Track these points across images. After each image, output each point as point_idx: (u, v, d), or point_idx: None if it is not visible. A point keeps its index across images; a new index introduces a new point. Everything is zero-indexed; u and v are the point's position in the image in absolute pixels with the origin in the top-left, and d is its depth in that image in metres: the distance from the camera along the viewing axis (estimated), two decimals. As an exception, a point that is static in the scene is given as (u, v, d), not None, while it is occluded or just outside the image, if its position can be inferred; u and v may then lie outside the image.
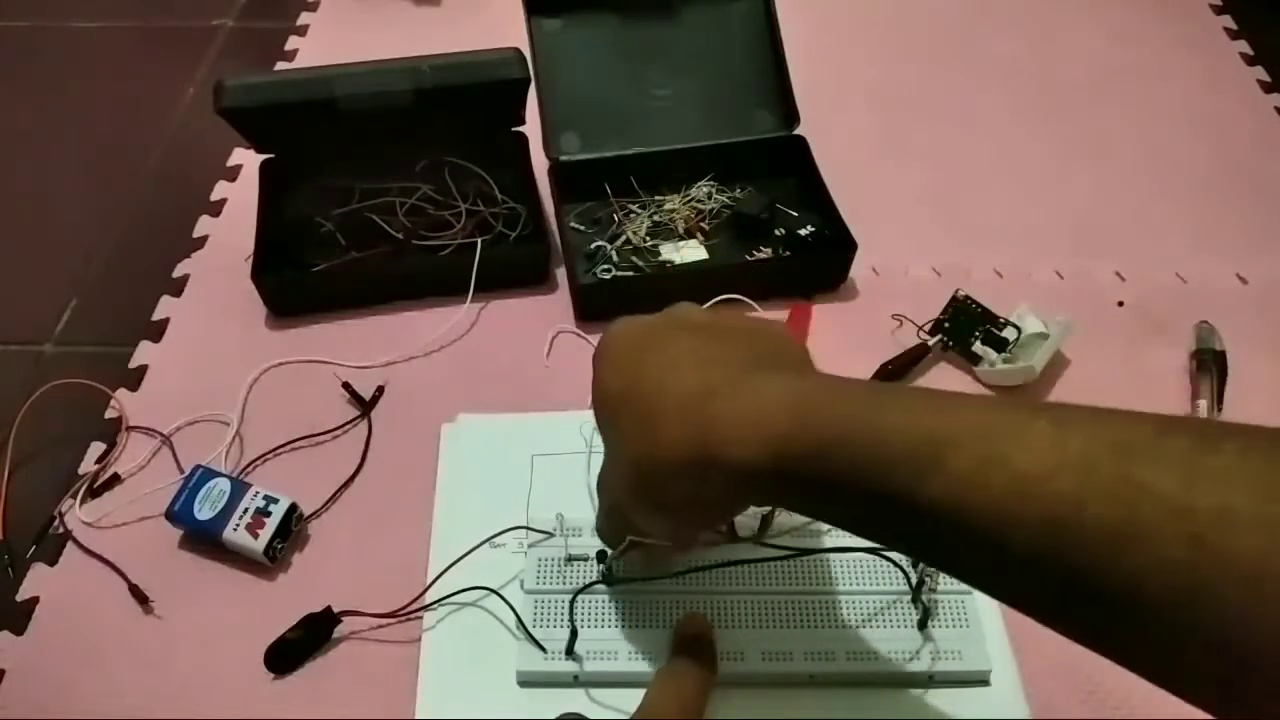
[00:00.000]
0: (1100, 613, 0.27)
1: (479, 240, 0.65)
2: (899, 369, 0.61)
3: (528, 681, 0.46)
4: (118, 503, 0.56)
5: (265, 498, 0.53)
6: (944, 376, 0.62)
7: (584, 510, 0.51)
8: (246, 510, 0.52)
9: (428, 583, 0.49)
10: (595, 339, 0.63)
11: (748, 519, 0.49)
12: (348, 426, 0.59)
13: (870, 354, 0.62)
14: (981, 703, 0.45)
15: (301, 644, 0.49)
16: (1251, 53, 0.89)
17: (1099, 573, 0.26)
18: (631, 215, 0.69)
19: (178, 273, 0.70)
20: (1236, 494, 0.25)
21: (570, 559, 0.49)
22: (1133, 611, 0.26)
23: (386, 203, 0.69)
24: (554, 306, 0.66)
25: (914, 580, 0.46)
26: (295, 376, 0.62)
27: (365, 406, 0.60)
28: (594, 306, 0.65)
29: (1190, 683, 0.27)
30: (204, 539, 0.53)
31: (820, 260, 0.67)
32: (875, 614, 0.47)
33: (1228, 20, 0.92)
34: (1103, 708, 0.47)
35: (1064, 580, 0.27)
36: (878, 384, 0.35)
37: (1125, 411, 0.29)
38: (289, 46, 0.91)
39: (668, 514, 0.39)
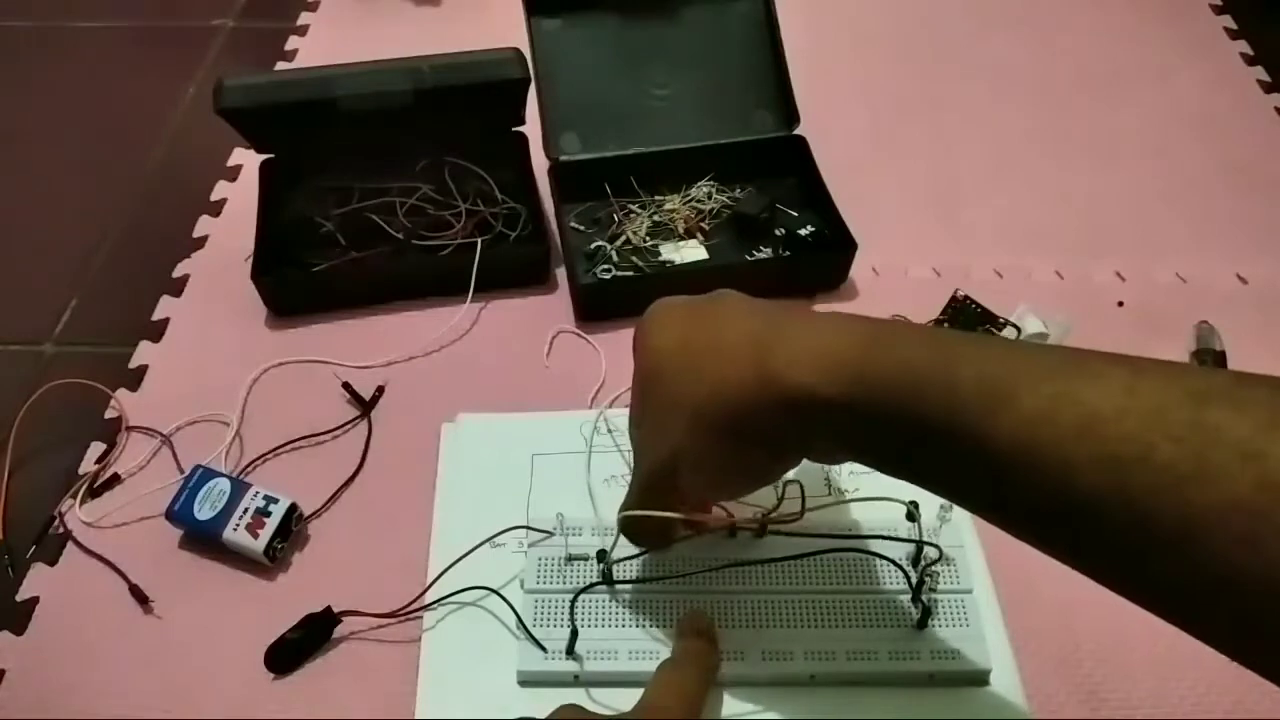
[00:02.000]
0: (1158, 557, 0.27)
1: (479, 240, 0.65)
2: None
3: (528, 681, 0.46)
4: (118, 503, 0.56)
5: (265, 498, 0.53)
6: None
7: (584, 510, 0.51)
8: (246, 510, 0.52)
9: (428, 583, 0.49)
10: (595, 339, 0.63)
11: (748, 521, 0.49)
12: (348, 426, 0.59)
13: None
14: (981, 702, 0.45)
15: (301, 644, 0.49)
16: (1251, 53, 0.89)
17: (1161, 513, 0.26)
18: (631, 215, 0.69)
19: (178, 273, 0.70)
20: None
21: (570, 558, 0.49)
22: (1191, 554, 0.26)
23: (386, 203, 0.69)
24: (554, 306, 0.66)
25: (914, 580, 0.46)
26: (295, 376, 0.62)
27: (365, 406, 0.60)
28: (594, 306, 0.65)
29: (1239, 635, 0.27)
30: (204, 539, 0.53)
31: (820, 260, 0.67)
32: (875, 613, 0.47)
33: (1228, 20, 0.92)
34: (1103, 708, 0.47)
35: (1124, 523, 0.27)
36: (944, 328, 0.34)
37: (1205, 367, 0.29)
38: (289, 46, 0.91)
39: (723, 462, 0.38)
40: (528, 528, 0.50)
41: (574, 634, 0.45)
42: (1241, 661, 0.28)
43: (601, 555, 0.47)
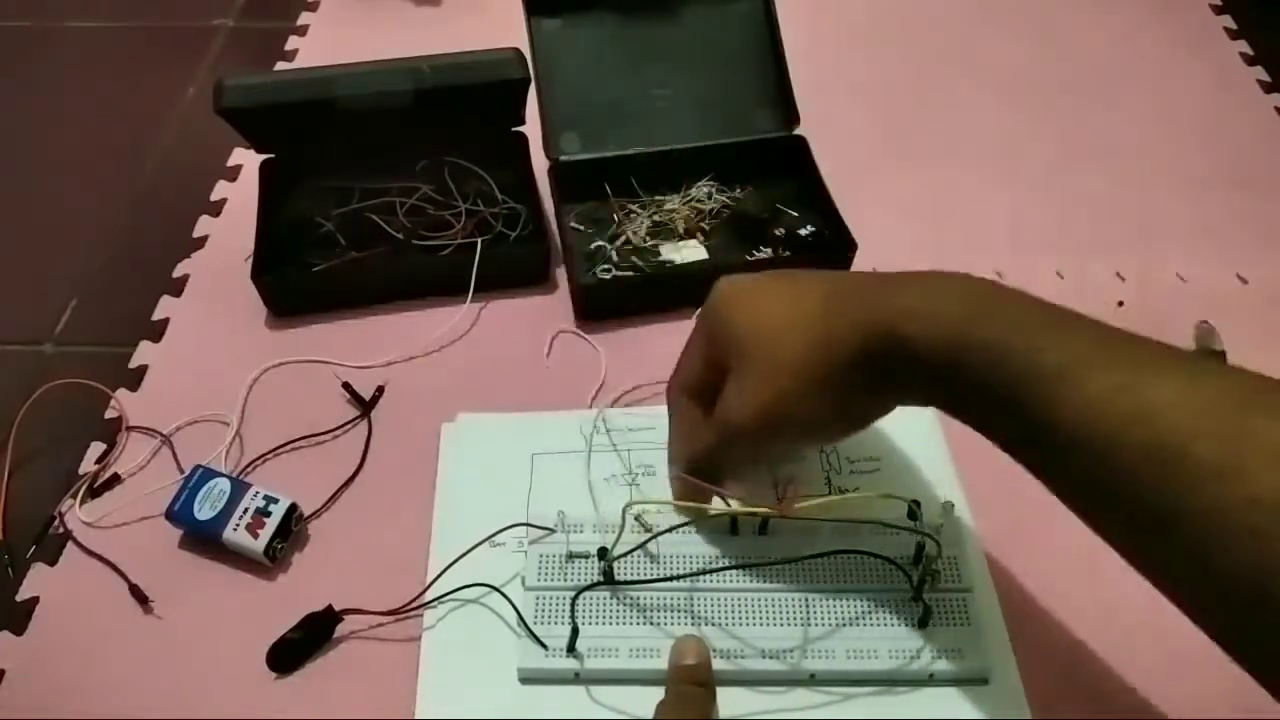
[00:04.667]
0: (1186, 542, 0.30)
1: (479, 240, 0.65)
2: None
3: (529, 678, 0.46)
4: (118, 503, 0.56)
5: (265, 498, 0.53)
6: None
7: (585, 508, 0.52)
8: (246, 510, 0.52)
9: (428, 581, 0.49)
10: (595, 339, 0.63)
11: (749, 521, 0.49)
12: (348, 426, 0.59)
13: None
14: (981, 702, 0.45)
15: (303, 643, 0.49)
16: (1251, 53, 0.89)
17: (1187, 502, 0.29)
18: (631, 215, 0.69)
19: (178, 273, 0.70)
20: None
21: (571, 556, 0.49)
22: (1206, 544, 0.29)
23: (386, 203, 0.69)
24: (554, 306, 0.66)
25: (915, 579, 0.46)
26: (295, 376, 0.62)
27: (365, 406, 0.60)
28: (594, 306, 0.65)
29: (1237, 628, 0.30)
30: (204, 539, 0.53)
31: (820, 260, 0.67)
32: (876, 613, 0.47)
33: (1228, 20, 0.92)
34: (1103, 708, 0.47)
35: (1153, 506, 0.30)
36: (1039, 302, 0.39)
37: (1262, 375, 0.32)
38: (289, 46, 0.91)
39: (827, 411, 0.42)
40: (528, 525, 0.50)
41: (575, 631, 0.45)
42: (1230, 652, 0.31)
43: (603, 553, 0.47)
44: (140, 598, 0.51)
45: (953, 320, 0.37)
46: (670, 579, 0.47)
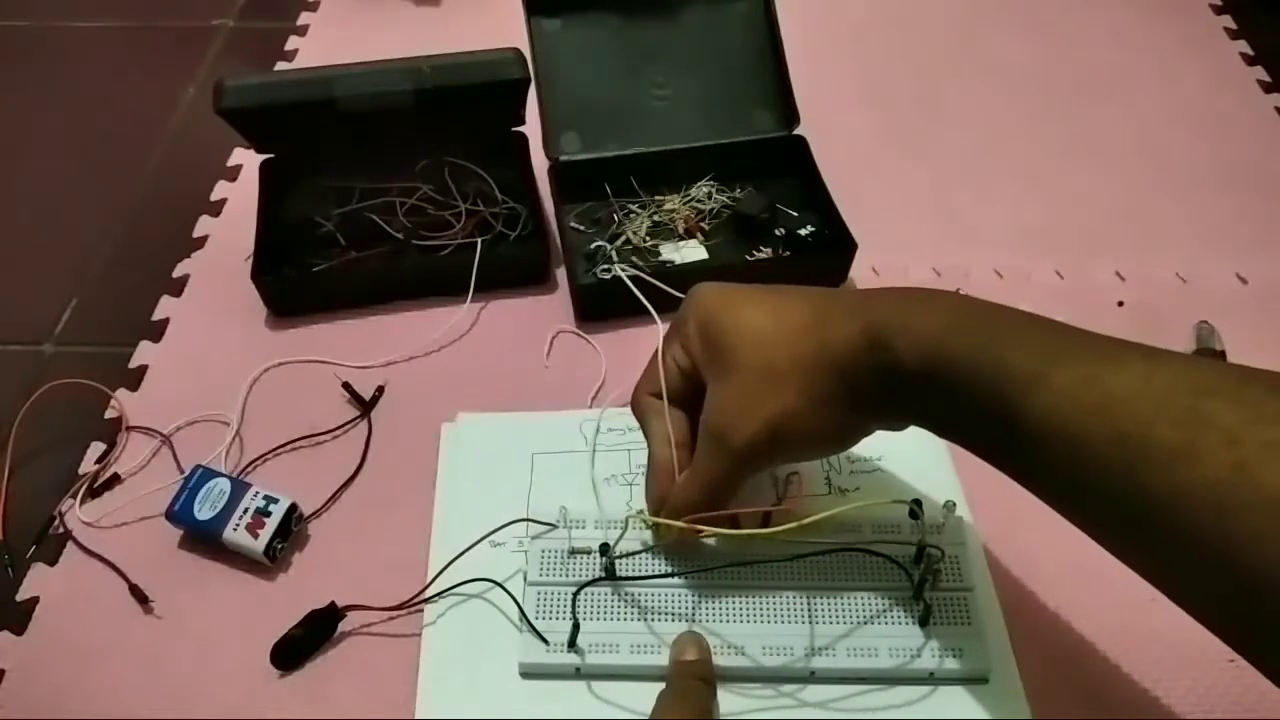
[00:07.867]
0: (1148, 522, 0.31)
1: (479, 240, 0.65)
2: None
3: (530, 673, 0.46)
4: (118, 503, 0.56)
5: (265, 498, 0.53)
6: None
7: (586, 507, 0.51)
8: (246, 510, 0.52)
9: (428, 581, 0.49)
10: (595, 339, 0.63)
11: (751, 518, 0.49)
12: (348, 426, 0.59)
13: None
14: (981, 701, 0.45)
15: (306, 640, 0.49)
16: (1251, 53, 0.89)
17: (1152, 483, 0.31)
18: (631, 215, 0.69)
19: (178, 273, 0.70)
20: None
21: (573, 551, 0.49)
22: (1174, 521, 0.30)
23: (386, 203, 0.69)
24: (554, 306, 0.66)
25: (916, 578, 0.46)
26: (295, 376, 0.62)
27: (365, 406, 0.60)
28: (594, 306, 0.65)
29: (1214, 606, 0.31)
30: (204, 539, 0.53)
31: (820, 260, 0.67)
32: (877, 611, 0.47)
33: (1228, 20, 0.92)
34: (1103, 708, 0.47)
35: (1123, 491, 0.32)
36: (1007, 307, 0.40)
37: (1215, 362, 0.33)
38: (289, 46, 0.91)
39: (826, 424, 0.42)
40: (530, 520, 0.50)
41: (576, 627, 0.45)
42: (1217, 633, 0.32)
43: (604, 549, 0.47)
44: (140, 598, 0.51)
45: (930, 332, 0.38)
46: (672, 575, 0.47)
